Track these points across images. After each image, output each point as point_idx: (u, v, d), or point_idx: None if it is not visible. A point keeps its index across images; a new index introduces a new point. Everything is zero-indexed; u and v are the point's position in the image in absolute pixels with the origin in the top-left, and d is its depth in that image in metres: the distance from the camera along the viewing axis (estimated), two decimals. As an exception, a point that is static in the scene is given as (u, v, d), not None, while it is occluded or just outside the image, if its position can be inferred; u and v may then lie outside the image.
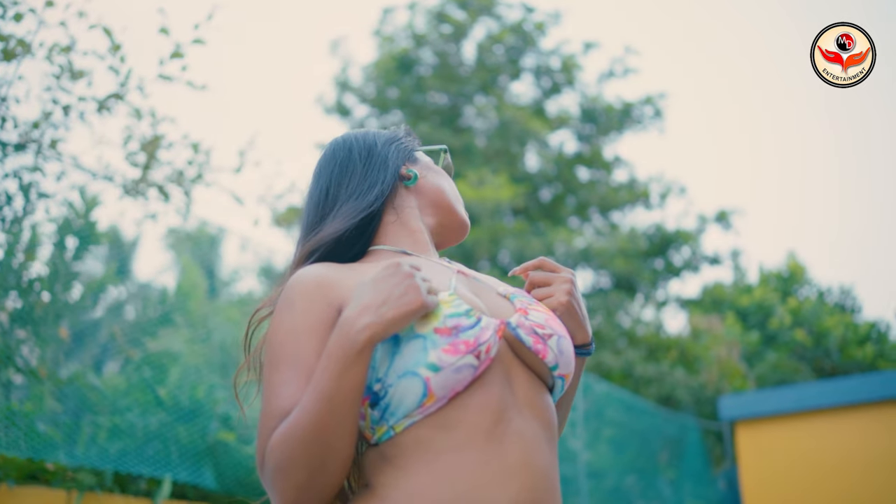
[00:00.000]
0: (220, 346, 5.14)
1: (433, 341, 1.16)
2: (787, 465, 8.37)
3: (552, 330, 1.29)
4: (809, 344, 13.65)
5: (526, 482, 1.16)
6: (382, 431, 1.20)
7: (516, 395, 1.23)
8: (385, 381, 1.18)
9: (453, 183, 1.57)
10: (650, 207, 11.57)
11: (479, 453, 1.16)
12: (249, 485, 4.43)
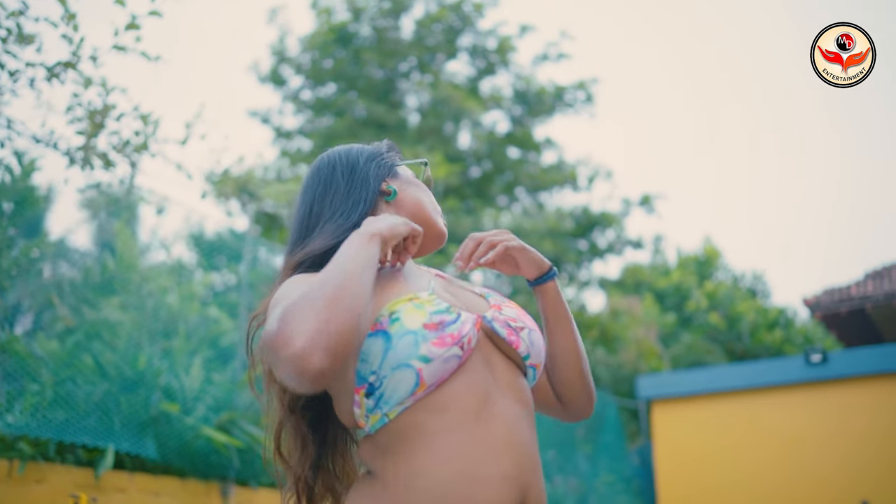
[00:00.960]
0: (154, 315, 5.10)
1: (423, 335, 1.26)
2: (699, 443, 8.74)
3: (523, 324, 1.42)
4: (723, 327, 14.17)
5: (513, 457, 1.28)
6: (376, 419, 1.29)
7: (497, 379, 1.34)
8: (379, 373, 1.26)
9: (431, 195, 1.63)
10: (577, 190, 11.82)
11: (470, 433, 1.26)
12: (189, 455, 4.48)
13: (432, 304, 1.32)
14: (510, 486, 1.26)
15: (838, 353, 8.35)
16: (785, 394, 8.46)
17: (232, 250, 6.03)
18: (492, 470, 1.25)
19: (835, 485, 7.91)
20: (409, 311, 1.30)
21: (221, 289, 6.85)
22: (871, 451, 7.87)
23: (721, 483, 8.44)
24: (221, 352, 5.19)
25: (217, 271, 6.85)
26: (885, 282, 15.21)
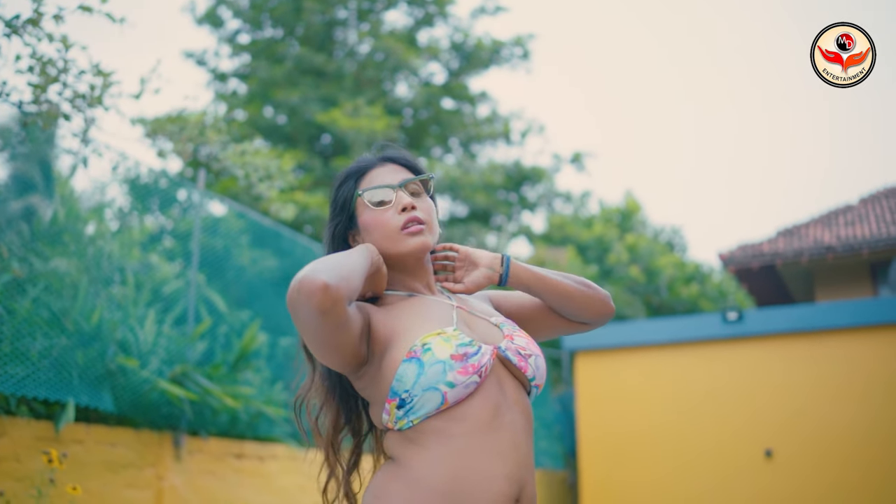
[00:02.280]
0: (96, 263, 5.08)
1: (450, 365, 1.52)
2: (619, 393, 9.17)
3: (531, 351, 1.68)
4: (642, 280, 14.66)
5: (515, 460, 1.56)
6: (403, 423, 1.55)
7: (507, 396, 1.61)
8: (412, 392, 1.52)
9: (381, 216, 1.71)
10: (511, 144, 12.00)
11: (482, 439, 1.53)
12: (143, 407, 4.58)
13: (458, 338, 1.56)
14: (510, 483, 1.53)
15: (753, 312, 8.81)
16: (702, 349, 8.91)
17: (166, 195, 5.98)
18: (498, 469, 1.52)
19: (744, 435, 8.44)
20: (438, 344, 1.54)
21: (158, 236, 6.85)
22: (777, 404, 8.40)
23: (638, 431, 8.90)
24: (164, 300, 5.22)
25: (151, 214, 6.83)
26: (795, 240, 15.95)
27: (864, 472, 7.87)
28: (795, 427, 8.26)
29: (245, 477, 5.29)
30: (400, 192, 1.71)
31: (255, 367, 5.37)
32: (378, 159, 1.79)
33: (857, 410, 8.06)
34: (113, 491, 4.33)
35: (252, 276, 6.27)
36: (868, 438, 7.94)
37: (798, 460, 8.15)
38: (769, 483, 8.20)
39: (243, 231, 6.22)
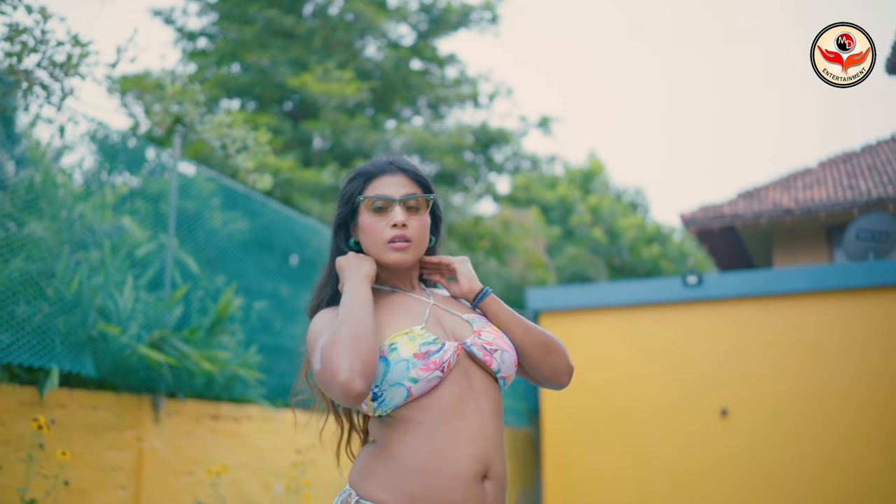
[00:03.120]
0: (69, 226, 5.12)
1: (413, 363, 1.70)
2: (581, 353, 9.41)
3: (497, 346, 1.84)
4: (604, 241, 14.91)
5: (480, 442, 1.74)
6: (379, 412, 1.75)
7: (473, 387, 1.79)
8: (381, 387, 1.71)
9: (376, 224, 1.87)
10: (479, 107, 12.08)
11: (448, 424, 1.72)
12: (123, 371, 4.70)
13: (422, 337, 1.74)
14: (476, 462, 1.71)
15: (712, 277, 9.07)
16: (662, 311, 9.17)
17: (136, 156, 5.97)
18: (463, 450, 1.71)
19: (701, 394, 8.75)
20: (404, 343, 1.72)
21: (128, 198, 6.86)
22: (733, 365, 8.71)
23: (599, 390, 9.17)
24: (138, 263, 5.27)
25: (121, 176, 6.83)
26: (755, 202, 16.28)
27: (816, 430, 8.24)
28: (750, 387, 8.58)
29: (221, 437, 5.45)
30: (398, 208, 1.84)
31: (229, 331, 5.49)
32: (389, 166, 1.91)
33: (809, 371, 8.39)
34: (95, 453, 4.47)
35: (224, 239, 6.34)
36: (819, 398, 8.29)
37: (752, 419, 8.49)
38: (724, 440, 8.54)
39: (214, 193, 6.29)
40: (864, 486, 7.96)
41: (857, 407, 8.13)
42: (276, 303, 6.62)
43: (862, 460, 8.01)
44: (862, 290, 8.31)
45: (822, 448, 8.18)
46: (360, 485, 1.74)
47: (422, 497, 1.66)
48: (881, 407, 8.05)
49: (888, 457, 7.93)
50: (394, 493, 1.68)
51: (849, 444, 8.10)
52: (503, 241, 11.98)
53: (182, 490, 5.05)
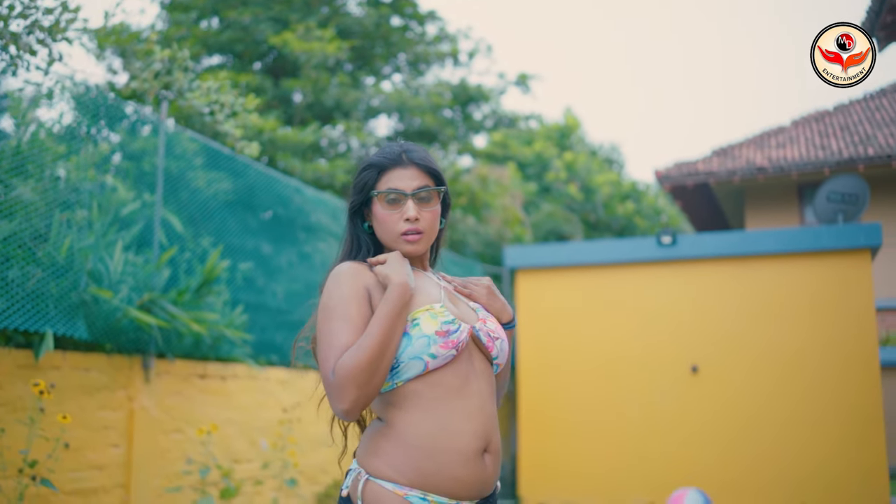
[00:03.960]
0: (53, 186, 5.14)
1: (434, 339, 1.83)
2: (557, 310, 9.61)
3: (498, 335, 2.00)
4: (580, 198, 15.05)
5: (481, 419, 1.89)
6: (388, 385, 1.86)
7: (475, 368, 1.93)
8: (399, 359, 1.82)
9: (389, 217, 1.97)
10: (458, 65, 12.08)
11: (453, 402, 1.85)
12: (115, 333, 4.80)
13: (443, 316, 1.87)
14: (478, 438, 1.86)
15: (686, 237, 9.25)
16: (637, 270, 9.36)
17: (117, 113, 5.91)
18: (466, 427, 1.85)
19: (673, 352, 9.00)
20: (426, 319, 1.85)
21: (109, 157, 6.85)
22: (704, 323, 8.95)
23: (573, 346, 9.38)
24: (122, 221, 5.28)
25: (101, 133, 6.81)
26: (729, 160, 16.47)
27: (782, 388, 8.52)
28: (720, 346, 8.83)
29: (208, 395, 5.58)
30: (410, 202, 1.94)
31: (216, 292, 5.58)
32: (402, 158, 1.98)
33: (778, 331, 8.65)
34: (88, 412, 4.59)
35: (208, 198, 6.39)
36: (786, 357, 8.56)
37: (721, 377, 8.76)
38: (694, 396, 8.81)
39: (197, 153, 6.32)
40: (829, 444, 8.28)
41: (824, 367, 8.41)
42: (259, 261, 6.70)
43: (828, 419, 8.32)
44: (831, 253, 8.54)
45: (789, 406, 8.48)
46: (369, 463, 1.85)
47: (429, 472, 1.80)
48: (846, 367, 8.34)
49: (853, 415, 8.24)
50: (402, 469, 1.81)
51: (815, 402, 8.40)
52: (481, 198, 12.08)
53: (172, 448, 5.19)
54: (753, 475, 8.48)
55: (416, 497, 1.80)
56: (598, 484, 8.96)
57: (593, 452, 8.96)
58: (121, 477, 4.79)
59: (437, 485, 1.81)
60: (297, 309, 7.07)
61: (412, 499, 1.80)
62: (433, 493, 1.81)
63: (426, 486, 1.81)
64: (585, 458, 8.83)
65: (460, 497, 1.84)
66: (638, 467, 8.89)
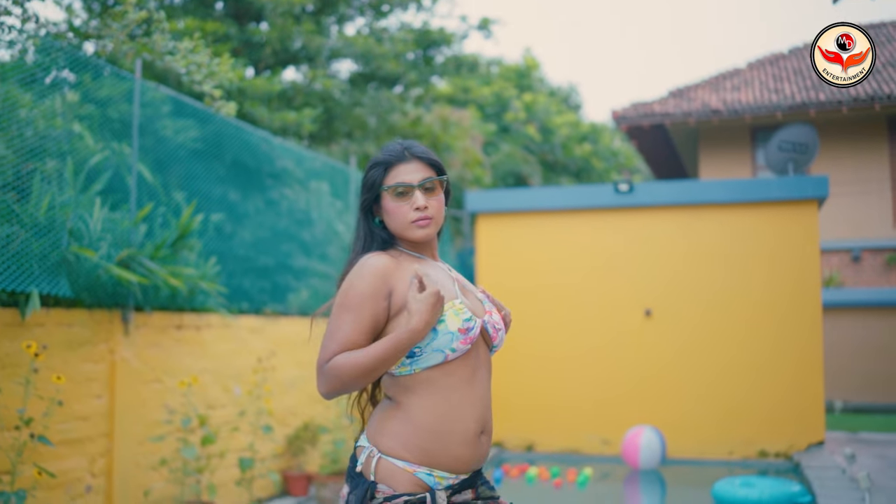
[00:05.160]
0: (20, 135, 5.15)
1: (456, 336, 2.04)
2: (516, 254, 9.88)
3: (500, 326, 2.22)
4: (538, 139, 15.22)
5: (483, 405, 2.13)
6: (405, 370, 2.06)
7: (480, 358, 2.15)
8: (423, 349, 2.03)
9: (400, 208, 2.13)
10: (422, 9, 12.04)
11: (463, 390, 2.08)
12: (95, 289, 4.94)
13: (463, 313, 2.07)
14: (477, 423, 2.10)
15: (643, 185, 9.53)
16: (594, 216, 9.64)
17: (84, 60, 5.84)
18: (470, 414, 2.09)
19: (628, 296, 9.35)
20: (450, 317, 2.05)
21: (79, 104, 6.83)
22: (658, 269, 9.29)
23: (531, 289, 9.69)
24: (91, 172, 5.33)
25: (68, 80, 6.78)
26: (685, 101, 16.73)
27: (730, 330, 8.94)
28: (673, 290, 9.20)
29: (185, 345, 5.77)
30: (418, 192, 2.11)
31: (190, 246, 5.72)
32: (405, 154, 2.15)
33: (728, 277, 9.03)
34: (72, 366, 4.76)
35: (175, 147, 6.45)
36: (735, 301, 8.96)
37: (673, 320, 9.15)
38: (647, 338, 9.20)
39: (164, 102, 6.37)
40: (772, 383, 8.74)
41: (770, 311, 8.83)
42: (227, 209, 6.80)
43: (772, 360, 8.77)
44: (780, 203, 8.89)
45: (737, 347, 8.91)
46: (381, 442, 2.07)
47: (434, 452, 2.04)
48: (791, 311, 8.77)
49: (795, 356, 8.70)
50: (411, 449, 2.03)
51: (761, 344, 8.84)
52: (442, 141, 12.20)
53: (152, 397, 5.40)
54: (702, 412, 8.95)
55: (423, 473, 2.03)
56: (554, 423, 9.37)
57: (550, 393, 9.34)
58: (104, 426, 4.99)
59: (441, 462, 2.05)
60: (265, 255, 7.22)
61: (420, 475, 2.03)
62: (438, 470, 2.05)
63: (432, 464, 2.04)
64: (542, 399, 9.20)
65: (459, 472, 2.09)
66: (593, 406, 9.30)
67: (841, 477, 6.93)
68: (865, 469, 7.13)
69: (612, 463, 8.85)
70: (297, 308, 7.47)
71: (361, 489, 2.02)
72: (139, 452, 5.26)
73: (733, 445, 8.81)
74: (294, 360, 7.06)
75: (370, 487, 2.02)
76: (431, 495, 2.02)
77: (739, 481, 6.80)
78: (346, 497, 2.07)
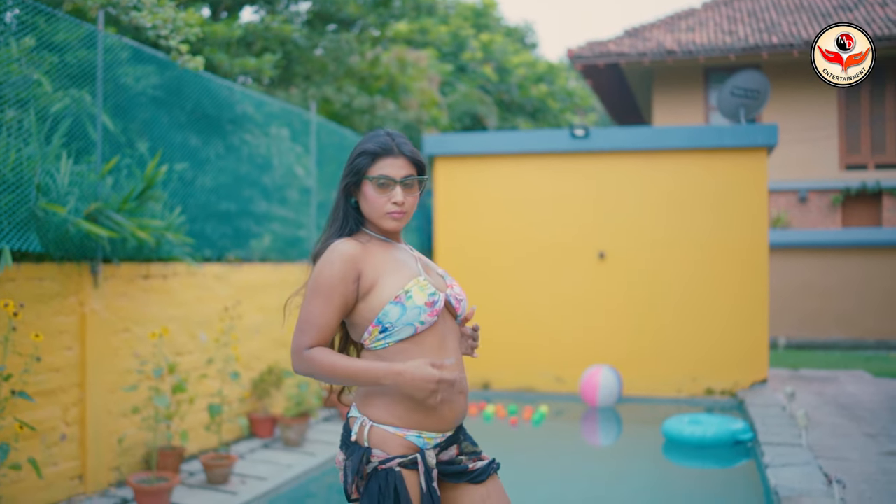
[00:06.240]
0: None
1: (424, 310, 2.23)
2: (474, 196, 10.03)
3: (462, 297, 2.44)
4: (495, 79, 15.25)
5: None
6: (380, 344, 2.26)
7: (447, 327, 2.36)
8: (394, 324, 2.22)
9: (378, 198, 2.30)
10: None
11: (434, 356, 2.27)
12: (65, 243, 5.00)
13: (428, 289, 2.27)
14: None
15: (598, 130, 9.71)
16: (550, 160, 9.82)
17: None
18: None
19: (582, 238, 9.59)
20: (416, 292, 2.24)
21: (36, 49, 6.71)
22: (612, 213, 9.53)
23: (488, 231, 9.88)
24: (52, 118, 5.31)
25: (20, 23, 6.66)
26: (640, 41, 16.84)
27: (681, 273, 9.24)
28: (626, 234, 9.46)
29: (152, 295, 5.87)
30: (398, 188, 2.28)
31: (156, 197, 5.76)
32: (394, 149, 2.30)
33: (680, 221, 9.30)
34: (44, 319, 4.85)
35: (135, 94, 6.43)
36: (686, 245, 9.25)
37: (626, 262, 9.42)
38: (601, 280, 9.47)
39: (122, 48, 6.32)
40: (720, 323, 9.10)
41: (719, 254, 9.14)
42: (187, 155, 6.80)
43: (720, 301, 9.11)
44: (731, 150, 9.14)
45: (687, 289, 9.23)
46: (370, 412, 2.27)
47: (420, 415, 2.24)
48: (739, 255, 9.09)
49: (742, 297, 9.05)
50: (399, 415, 2.23)
51: (710, 286, 9.17)
52: (399, 82, 12.20)
53: (121, 346, 5.51)
54: (653, 352, 9.30)
55: (413, 436, 2.25)
56: (509, 362, 9.66)
57: (505, 333, 9.61)
58: (76, 377, 5.11)
59: (427, 424, 2.26)
60: (226, 201, 7.28)
61: (410, 438, 2.25)
62: (425, 431, 2.27)
63: (420, 426, 2.26)
64: (498, 338, 9.47)
65: (444, 430, 2.31)
66: (548, 346, 9.60)
67: (781, 414, 7.32)
68: (804, 407, 7.53)
69: (566, 401, 9.19)
70: (259, 255, 7.57)
71: (357, 455, 2.21)
72: (111, 401, 5.39)
73: (682, 384, 9.19)
74: (257, 305, 7.19)
75: (365, 453, 2.22)
76: (421, 455, 2.24)
77: (688, 419, 7.15)
78: (343, 463, 2.27)
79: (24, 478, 4.66)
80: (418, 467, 2.22)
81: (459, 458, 2.37)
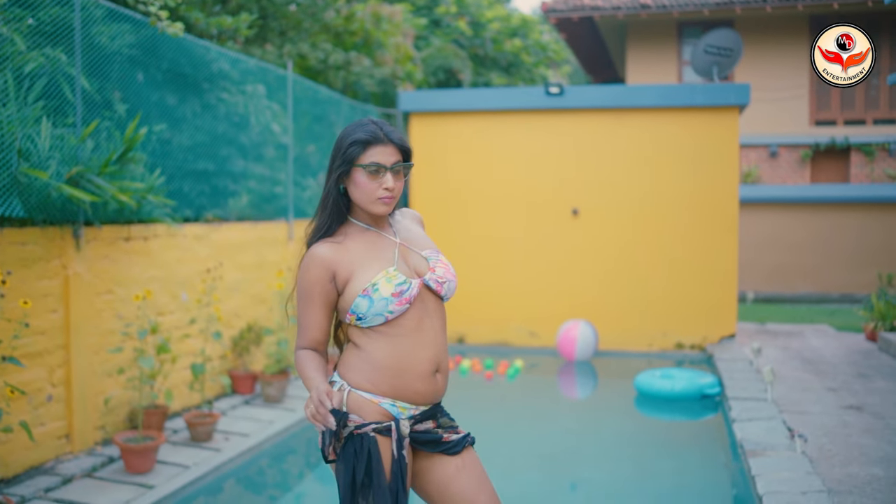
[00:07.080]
0: None
1: (390, 300, 2.35)
2: (449, 153, 10.11)
3: (446, 279, 2.51)
4: (469, 33, 15.21)
5: (434, 348, 2.46)
6: (361, 325, 2.41)
7: (428, 308, 2.47)
8: (366, 315, 2.36)
9: (369, 184, 2.39)
10: None
11: (411, 337, 2.41)
12: (47, 207, 5.04)
13: (396, 278, 2.38)
14: (431, 362, 2.45)
15: (573, 88, 9.78)
16: (525, 117, 9.90)
17: None
18: (422, 354, 2.43)
19: (556, 196, 9.72)
20: (383, 284, 2.36)
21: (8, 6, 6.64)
22: (586, 170, 9.66)
23: (464, 188, 9.98)
24: (27, 83, 5.30)
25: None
26: (614, -5, 16.81)
27: (654, 229, 9.41)
28: (599, 191, 9.60)
29: (133, 256, 5.93)
30: (388, 174, 2.38)
31: (136, 159, 5.79)
32: (383, 137, 2.39)
33: (653, 178, 9.45)
34: (28, 283, 4.91)
35: (111, 54, 6.40)
36: (658, 202, 9.41)
37: (599, 219, 9.58)
38: (575, 237, 9.63)
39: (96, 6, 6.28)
40: (691, 278, 9.30)
41: (691, 211, 9.32)
42: (166, 115, 6.80)
43: (692, 256, 9.31)
44: (704, 109, 9.27)
45: (659, 245, 9.41)
46: (350, 377, 2.41)
47: (396, 386, 2.38)
48: (710, 211, 9.26)
49: (713, 253, 9.25)
50: (376, 383, 2.38)
51: (682, 242, 9.35)
52: (374, 37, 12.15)
53: (104, 308, 5.59)
54: (625, 306, 9.50)
55: (388, 404, 2.39)
56: (484, 316, 9.84)
57: (481, 288, 9.77)
58: (61, 339, 5.19)
59: (402, 395, 2.40)
60: (204, 160, 7.30)
61: (385, 405, 2.39)
62: (400, 401, 2.41)
63: (395, 396, 2.40)
64: (473, 293, 9.63)
65: (419, 403, 2.44)
66: (522, 301, 9.78)
67: (748, 369, 7.56)
68: (770, 362, 7.77)
69: (540, 355, 9.39)
70: (237, 214, 7.62)
71: (335, 419, 2.34)
72: (96, 362, 5.48)
73: (653, 338, 9.42)
74: (236, 264, 7.27)
75: (342, 417, 2.35)
76: (395, 423, 2.38)
77: (659, 373, 7.37)
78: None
79: (13, 438, 4.76)
80: (391, 434, 2.37)
81: (435, 430, 2.50)
